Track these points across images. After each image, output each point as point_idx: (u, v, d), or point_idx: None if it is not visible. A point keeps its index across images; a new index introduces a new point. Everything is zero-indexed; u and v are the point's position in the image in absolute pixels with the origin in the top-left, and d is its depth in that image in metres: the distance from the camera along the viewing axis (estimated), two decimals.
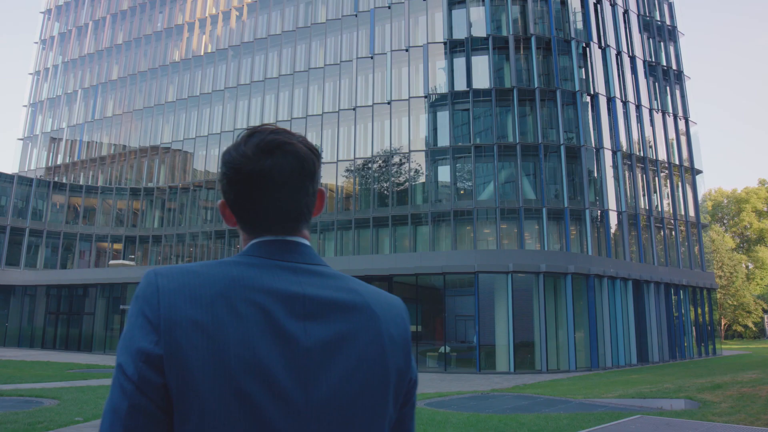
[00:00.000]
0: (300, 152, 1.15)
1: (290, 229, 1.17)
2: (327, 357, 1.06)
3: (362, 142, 36.85)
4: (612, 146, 32.68)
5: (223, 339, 1.00)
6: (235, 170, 1.13)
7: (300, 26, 41.62)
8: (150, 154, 46.63)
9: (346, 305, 1.12)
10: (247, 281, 1.07)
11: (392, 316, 1.17)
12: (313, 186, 1.19)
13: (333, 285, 1.13)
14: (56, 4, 56.75)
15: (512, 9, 34.02)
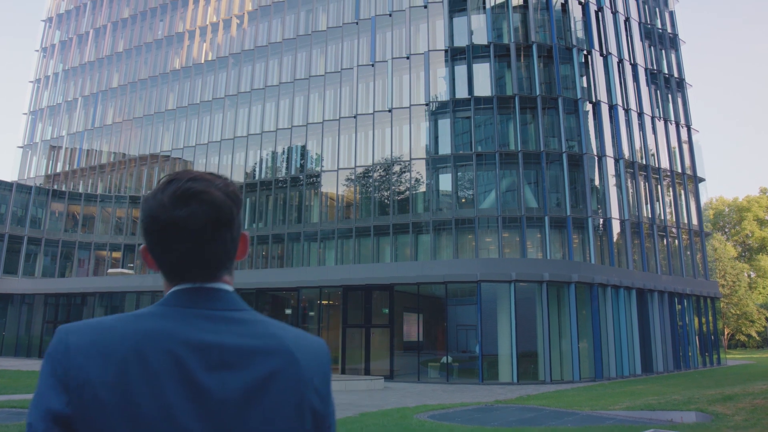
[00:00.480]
0: (216, 201, 1.16)
1: (208, 276, 1.17)
2: (243, 407, 1.05)
3: (363, 150, 36.67)
4: (614, 154, 32.48)
5: (134, 397, 0.99)
6: (152, 218, 1.14)
7: (300, 34, 41.57)
8: (150, 162, 46.44)
9: (265, 352, 1.11)
10: (160, 334, 1.06)
11: (313, 360, 1.16)
12: (232, 233, 1.19)
13: (252, 331, 1.13)
14: (57, 12, 56.79)
15: (513, 17, 33.94)
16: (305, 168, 39.00)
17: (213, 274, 1.18)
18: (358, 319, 29.05)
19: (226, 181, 1.22)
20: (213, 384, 1.04)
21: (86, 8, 54.63)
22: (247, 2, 45.22)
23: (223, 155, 42.59)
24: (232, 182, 1.25)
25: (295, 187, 38.88)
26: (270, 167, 40.72)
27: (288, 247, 38.26)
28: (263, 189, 40.24)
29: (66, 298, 37.81)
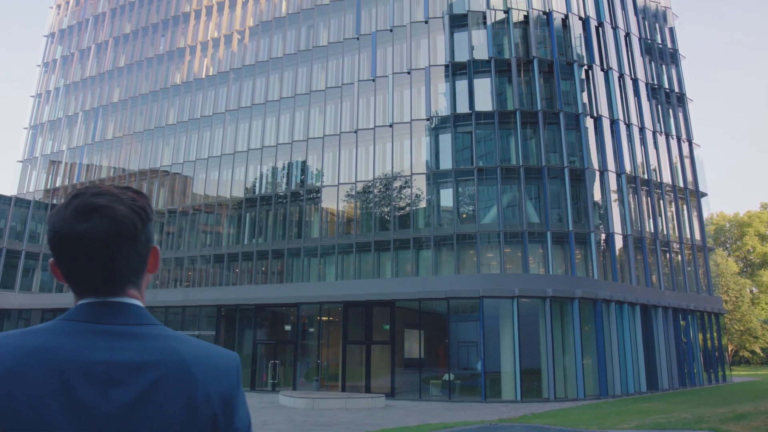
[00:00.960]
0: (118, 216, 1.16)
1: (112, 291, 1.19)
2: (126, 422, 1.04)
3: (364, 165, 36.54)
4: (616, 169, 32.35)
5: (14, 417, 0.99)
6: (54, 233, 1.17)
7: (302, 49, 41.67)
8: (149, 176, 46.32)
9: (155, 366, 1.10)
10: (46, 352, 1.07)
11: (214, 373, 1.16)
12: (136, 247, 1.20)
13: (147, 346, 1.13)
14: (59, 28, 57.11)
15: (514, 32, 34.01)
16: (305, 183, 38.86)
17: (117, 289, 1.19)
18: (359, 335, 28.70)
19: (136, 196, 1.24)
20: (96, 401, 1.04)
21: (88, 24, 54.91)
22: (249, 18, 45.41)
23: (223, 170, 42.47)
24: (143, 197, 1.27)
25: (296, 202, 38.69)
26: (270, 182, 40.56)
27: (288, 263, 37.98)
28: (263, 204, 40.05)
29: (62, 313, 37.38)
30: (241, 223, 40.81)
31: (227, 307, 32.47)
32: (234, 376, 1.21)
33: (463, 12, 35.18)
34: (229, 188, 41.74)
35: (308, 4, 42.78)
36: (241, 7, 46.25)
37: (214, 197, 42.51)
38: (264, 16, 44.66)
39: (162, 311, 34.22)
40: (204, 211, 42.77)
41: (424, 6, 36.85)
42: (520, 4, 34.69)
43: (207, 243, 42.26)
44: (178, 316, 33.65)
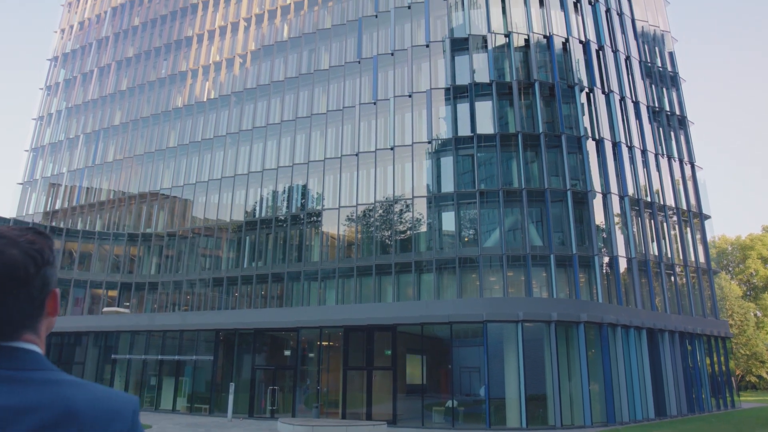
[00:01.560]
0: (8, 260, 1.16)
1: (5, 335, 1.17)
2: None
3: (365, 188, 36.36)
4: (619, 191, 32.14)
5: None
6: None
7: (303, 72, 41.83)
8: (149, 199, 46.10)
9: (38, 410, 1.08)
10: None
11: (106, 418, 1.14)
12: (30, 291, 1.18)
13: (37, 392, 1.11)
14: (63, 52, 57.55)
15: (515, 56, 34.12)
16: (306, 206, 38.62)
17: (10, 333, 1.17)
18: (360, 361, 28.14)
19: (34, 238, 1.21)
20: None
21: (92, 48, 55.32)
22: (251, 42, 45.71)
23: (223, 193, 42.28)
24: (43, 238, 1.24)
25: (296, 226, 38.41)
26: (270, 205, 40.33)
27: (288, 287, 37.54)
28: (263, 227, 39.76)
29: (59, 337, 36.84)
30: (240, 246, 40.46)
31: (226, 332, 31.94)
32: (128, 419, 1.18)
33: (464, 36, 35.37)
34: (229, 211, 41.49)
35: (310, 28, 43.09)
36: (243, 32, 46.59)
37: (213, 220, 42.24)
38: (266, 40, 44.96)
39: (159, 335, 33.67)
40: (203, 234, 42.46)
41: (425, 30, 37.07)
42: (521, 27, 34.89)
43: (206, 267, 41.85)
44: (176, 341, 33.09)
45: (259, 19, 46.18)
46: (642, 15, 38.44)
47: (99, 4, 57.70)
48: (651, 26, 38.54)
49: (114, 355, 34.43)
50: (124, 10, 55.14)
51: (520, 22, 35.09)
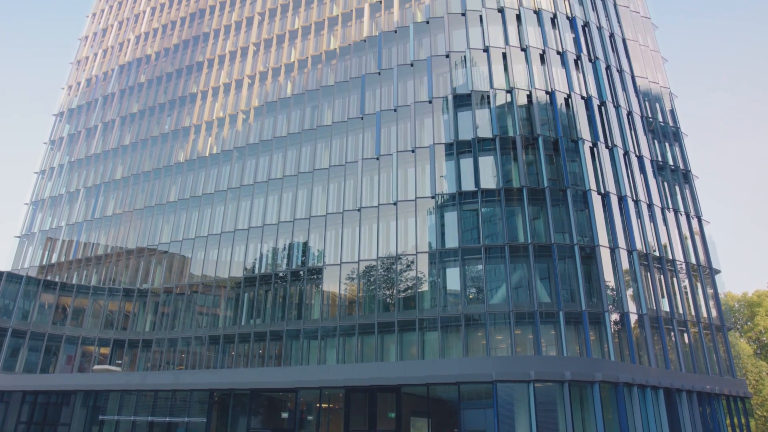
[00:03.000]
0: None
1: None
2: None
3: (367, 243, 35.72)
4: (627, 246, 31.47)
5: None
6: None
7: (306, 128, 42.02)
8: (147, 254, 45.30)
9: None
10: None
11: None
12: None
13: None
14: (69, 107, 58.30)
15: (518, 111, 34.26)
16: (307, 262, 37.83)
17: None
18: (362, 424, 26.61)
19: None
20: None
21: (97, 104, 56.03)
22: (254, 98, 46.20)
23: (222, 248, 41.56)
24: None
25: (296, 282, 37.50)
26: (270, 261, 39.53)
27: (286, 346, 36.25)
28: (262, 284, 38.83)
29: (45, 396, 35.10)
30: (238, 303, 39.38)
31: (220, 392, 30.44)
32: None
33: (467, 92, 35.65)
34: (228, 268, 40.65)
35: (313, 85, 43.61)
36: (247, 88, 47.17)
37: (212, 277, 41.29)
38: (269, 96, 45.45)
39: (151, 396, 32.09)
40: (201, 291, 41.43)
41: (427, 86, 37.43)
42: (523, 84, 35.21)
43: (203, 324, 40.59)
44: (168, 401, 31.49)
45: (263, 76, 46.86)
46: (641, 72, 38.97)
47: (107, 62, 58.88)
48: (651, 83, 39.01)
49: (102, 416, 32.71)
50: (131, 68, 56.16)
51: (522, 78, 35.46)
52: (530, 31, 37.03)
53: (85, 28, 65.17)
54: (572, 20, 38.05)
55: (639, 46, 39.90)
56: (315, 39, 45.80)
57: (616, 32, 39.48)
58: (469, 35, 37.45)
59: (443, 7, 39.79)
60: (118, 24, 61.49)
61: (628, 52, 39.20)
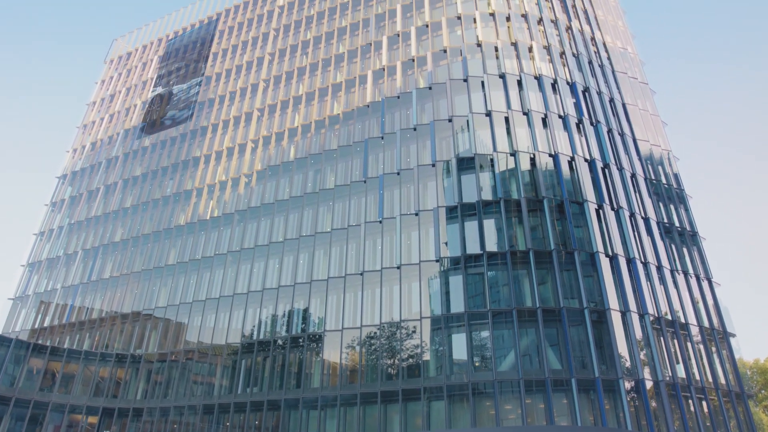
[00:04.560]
0: None
1: None
2: None
3: (369, 309, 34.76)
4: (638, 310, 30.55)
5: None
6: None
7: (308, 192, 41.91)
8: (142, 319, 44.02)
9: None
10: None
11: None
12: None
13: None
14: (72, 170, 58.57)
15: (522, 174, 34.24)
16: (307, 328, 36.71)
17: None
18: None
19: None
20: None
21: (101, 167, 56.31)
22: (257, 162, 46.39)
23: (220, 313, 40.44)
24: None
25: (296, 349, 36.22)
26: (269, 327, 38.34)
27: (284, 416, 34.55)
28: (260, 350, 37.51)
29: None
30: (235, 371, 37.87)
31: None
32: None
33: (470, 155, 35.76)
34: (225, 334, 39.37)
35: (316, 149, 43.88)
36: (250, 152, 47.49)
37: (208, 344, 39.91)
38: (272, 160, 45.65)
39: None
40: (196, 359, 39.93)
41: (431, 150, 37.61)
42: (526, 147, 35.40)
43: (197, 393, 38.86)
44: None
45: (267, 140, 47.27)
46: (642, 135, 39.33)
47: (113, 127, 59.71)
48: (652, 145, 39.28)
49: None
50: (136, 132, 56.87)
51: (525, 141, 35.68)
52: (532, 95, 37.63)
53: (93, 94, 66.59)
54: (572, 85, 38.77)
55: (639, 110, 40.50)
56: (319, 104, 46.55)
57: (615, 97, 40.15)
58: (472, 100, 38.03)
59: (445, 73, 40.67)
60: (126, 90, 62.83)
61: (628, 115, 39.73)
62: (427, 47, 43.60)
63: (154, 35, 67.65)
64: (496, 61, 40.01)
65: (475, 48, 41.09)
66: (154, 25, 68.99)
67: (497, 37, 41.26)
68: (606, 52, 43.37)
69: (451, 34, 43.04)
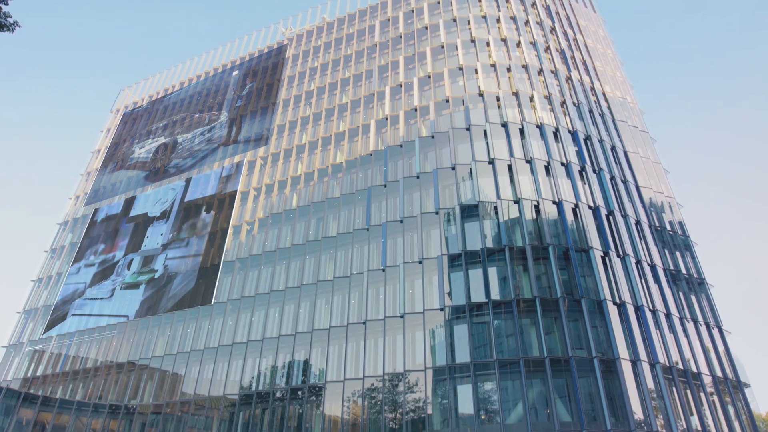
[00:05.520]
0: None
1: None
2: None
3: (372, 359, 33.86)
4: (649, 359, 29.73)
5: None
6: None
7: (310, 239, 41.57)
8: (138, 369, 42.83)
9: None
10: None
11: None
12: None
13: None
14: (74, 216, 58.38)
15: (526, 221, 34.03)
16: (308, 380, 35.64)
17: None
18: None
19: None
20: None
21: (102, 211, 56.08)
22: (259, 210, 46.28)
23: (218, 363, 39.37)
24: None
25: (295, 401, 35.07)
26: (269, 378, 37.25)
27: None
28: (259, 402, 36.32)
29: None
30: (232, 424, 36.54)
31: None
32: None
33: (474, 203, 35.68)
34: (223, 385, 38.21)
35: (318, 197, 43.86)
36: (252, 200, 47.43)
37: (205, 395, 38.67)
38: (274, 208, 45.57)
39: None
40: (192, 412, 38.59)
41: (434, 198, 37.56)
42: (530, 194, 35.35)
43: None
44: None
45: (269, 188, 47.31)
46: (645, 182, 39.38)
47: (116, 174, 59.87)
48: (655, 192, 39.27)
49: None
50: (139, 180, 56.99)
51: (529, 189, 35.66)
52: (534, 144, 37.89)
53: (98, 142, 67.31)
54: (574, 134, 39.11)
55: (640, 158, 40.72)
56: (322, 153, 46.87)
57: (617, 145, 40.45)
58: (474, 148, 38.27)
59: (448, 122, 41.11)
60: (130, 138, 63.46)
61: (630, 163, 39.91)
62: (429, 97, 44.27)
63: (160, 86, 68.97)
64: (498, 110, 40.53)
65: (477, 98, 41.71)
66: (161, 76, 70.45)
67: (499, 87, 41.95)
68: (606, 101, 44.04)
69: (453, 84, 43.78)
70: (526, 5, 49.65)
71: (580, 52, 47.68)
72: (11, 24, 17.07)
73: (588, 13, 54.24)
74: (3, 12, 16.94)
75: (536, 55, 44.85)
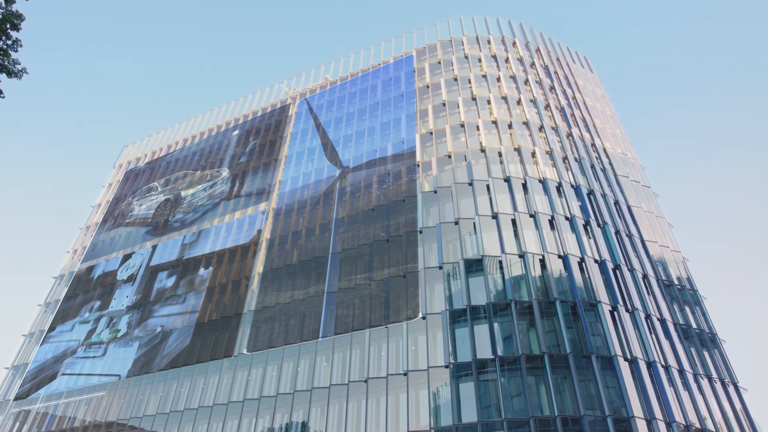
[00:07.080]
0: None
1: None
2: None
3: (374, 419, 32.44)
4: (664, 417, 28.49)
5: None
6: None
7: (311, 295, 40.68)
8: (128, 429, 40.84)
9: None
10: None
11: None
12: None
13: None
14: (71, 270, 57.54)
15: (532, 276, 33.47)
16: None
17: None
18: None
19: None
20: None
21: (99, 268, 55.35)
22: (259, 265, 45.63)
23: (212, 423, 37.66)
24: None
25: None
26: None
27: None
28: None
29: None
30: None
31: None
32: None
33: (478, 257, 35.23)
34: None
35: (320, 252, 43.32)
36: (252, 256, 46.85)
37: None
38: (275, 263, 44.92)
39: None
40: None
41: (437, 252, 37.09)
42: (535, 248, 34.96)
43: None
44: None
45: (270, 243, 46.81)
46: (650, 236, 39.11)
47: (116, 229, 59.52)
48: (661, 247, 38.95)
49: None
50: (139, 234, 56.61)
51: (533, 243, 35.30)
52: (537, 198, 37.83)
53: (99, 197, 67.32)
54: (577, 188, 39.14)
55: (644, 212, 40.62)
56: (323, 208, 46.67)
57: (620, 199, 40.43)
58: (477, 203, 38.16)
59: (450, 177, 41.19)
60: (131, 194, 63.48)
61: (634, 217, 39.77)
62: (431, 153, 44.58)
63: (163, 142, 69.71)
64: (500, 166, 40.73)
65: (479, 153, 42.01)
66: (164, 133, 71.35)
67: (500, 143, 42.33)
68: (607, 157, 44.40)
69: (455, 140, 44.20)
70: (525, 65, 50.91)
71: (580, 109, 48.52)
72: (19, 71, 17.15)
73: (585, 73, 55.62)
74: (12, 59, 17.04)
75: (537, 112, 45.58)
